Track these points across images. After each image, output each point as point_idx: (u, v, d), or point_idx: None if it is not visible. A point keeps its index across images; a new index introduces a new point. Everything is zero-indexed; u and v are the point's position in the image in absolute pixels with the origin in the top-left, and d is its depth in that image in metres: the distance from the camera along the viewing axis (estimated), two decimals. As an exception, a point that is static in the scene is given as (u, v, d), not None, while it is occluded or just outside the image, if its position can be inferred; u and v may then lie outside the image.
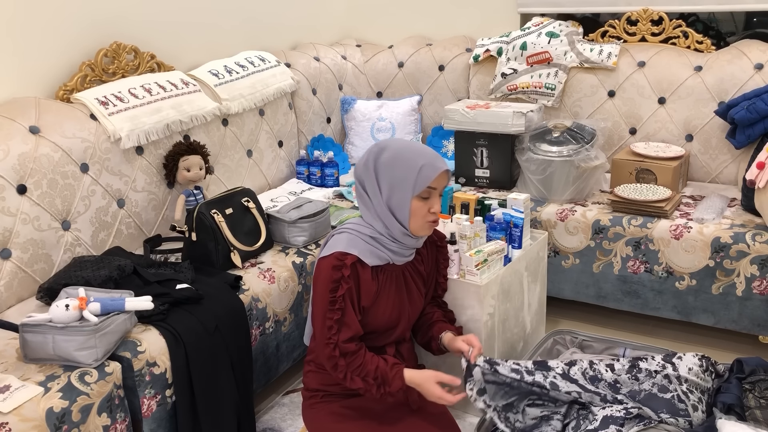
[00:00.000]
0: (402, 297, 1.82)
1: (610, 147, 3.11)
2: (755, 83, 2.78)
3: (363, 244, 1.74)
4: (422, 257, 1.91)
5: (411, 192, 1.70)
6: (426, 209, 1.72)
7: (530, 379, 1.79)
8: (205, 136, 2.69)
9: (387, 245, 1.76)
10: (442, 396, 1.69)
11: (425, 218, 1.73)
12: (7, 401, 1.53)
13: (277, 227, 2.48)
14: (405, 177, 1.69)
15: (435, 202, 1.73)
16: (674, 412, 1.75)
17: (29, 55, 2.34)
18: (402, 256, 1.81)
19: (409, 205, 1.71)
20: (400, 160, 1.70)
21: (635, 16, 3.15)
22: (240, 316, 2.07)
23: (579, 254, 2.68)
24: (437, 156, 1.73)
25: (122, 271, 2.00)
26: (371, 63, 3.65)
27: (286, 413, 2.26)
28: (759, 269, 2.37)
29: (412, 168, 1.69)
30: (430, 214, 1.73)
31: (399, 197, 1.71)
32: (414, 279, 1.87)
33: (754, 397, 1.83)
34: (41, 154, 2.13)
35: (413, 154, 1.71)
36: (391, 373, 1.70)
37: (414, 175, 1.68)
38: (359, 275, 1.72)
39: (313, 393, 1.86)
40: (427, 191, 1.71)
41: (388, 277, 1.79)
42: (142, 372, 1.78)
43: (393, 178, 1.71)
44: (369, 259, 1.74)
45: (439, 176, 1.71)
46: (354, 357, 1.70)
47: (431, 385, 1.69)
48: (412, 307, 1.86)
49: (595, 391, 1.80)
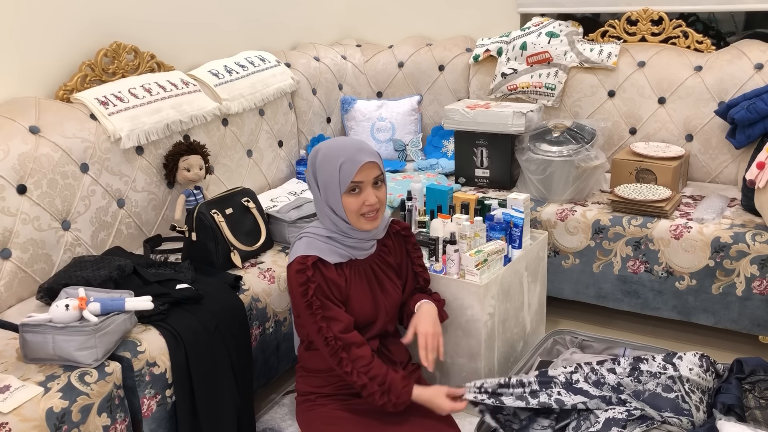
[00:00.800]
0: (374, 290, 1.85)
1: (610, 147, 3.11)
2: (755, 83, 2.78)
3: (321, 245, 1.78)
4: (389, 248, 1.93)
5: (339, 190, 1.74)
6: (359, 203, 1.75)
7: (535, 402, 1.81)
8: (205, 136, 2.69)
9: (343, 242, 1.80)
10: (453, 407, 1.76)
11: (359, 211, 1.75)
12: (7, 401, 1.53)
13: (277, 227, 2.49)
14: (331, 176, 1.74)
15: (368, 194, 1.75)
16: (678, 411, 1.75)
17: (29, 55, 2.34)
18: (362, 250, 1.84)
19: (341, 203, 1.75)
20: (326, 160, 1.76)
21: (635, 16, 3.15)
22: (240, 316, 2.07)
23: (579, 254, 2.68)
24: (362, 149, 1.75)
25: (122, 271, 2.00)
26: (371, 63, 3.65)
27: (286, 413, 2.26)
28: (759, 269, 2.37)
29: (334, 166, 1.73)
30: (365, 207, 1.75)
31: (332, 197, 1.76)
32: (385, 271, 1.90)
33: (754, 397, 1.83)
34: (41, 154, 2.13)
35: (336, 151, 1.75)
36: (401, 385, 1.72)
37: (336, 173, 1.73)
38: (324, 274, 1.75)
39: (305, 397, 1.88)
40: (353, 185, 1.74)
41: (355, 273, 1.83)
42: (142, 372, 1.78)
43: (323, 178, 1.76)
44: (330, 257, 1.77)
45: (363, 169, 1.73)
46: (361, 351, 1.72)
47: (441, 400, 1.75)
48: (388, 300, 1.88)
49: (601, 395, 1.81)
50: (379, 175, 1.77)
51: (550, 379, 1.87)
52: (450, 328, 2.16)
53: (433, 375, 2.26)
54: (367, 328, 1.85)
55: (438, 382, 2.25)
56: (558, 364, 2.14)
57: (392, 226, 1.96)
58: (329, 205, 1.78)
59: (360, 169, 1.72)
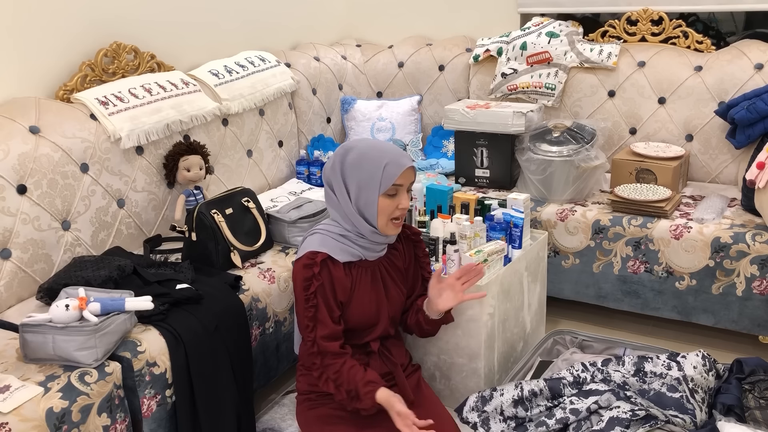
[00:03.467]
0: (378, 292, 1.85)
1: (610, 147, 3.11)
2: (755, 83, 2.78)
3: (333, 243, 1.79)
4: (399, 252, 1.94)
5: (378, 190, 1.75)
6: (394, 206, 1.77)
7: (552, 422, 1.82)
8: (205, 136, 2.69)
9: (356, 241, 1.82)
10: (407, 414, 1.67)
11: (392, 215, 1.78)
12: (7, 401, 1.53)
13: (277, 227, 2.49)
14: (371, 176, 1.75)
15: (402, 198, 1.78)
16: (682, 411, 1.75)
17: (29, 55, 2.34)
18: (373, 251, 1.85)
19: (376, 204, 1.76)
20: (366, 160, 1.76)
21: (635, 16, 3.15)
22: (240, 316, 2.07)
23: (579, 254, 2.68)
24: (402, 153, 1.79)
25: (122, 271, 2.00)
26: (371, 63, 3.65)
27: (286, 413, 2.26)
28: (759, 269, 2.37)
29: (378, 167, 1.74)
30: (398, 210, 1.78)
31: (366, 196, 1.76)
32: (390, 274, 1.90)
33: (754, 397, 1.83)
34: (41, 154, 2.13)
35: (378, 152, 1.77)
36: (363, 390, 1.71)
37: (380, 174, 1.74)
38: (331, 272, 1.76)
39: (305, 396, 1.88)
40: (393, 188, 1.76)
41: (362, 273, 1.83)
42: (142, 372, 1.78)
43: (360, 178, 1.76)
44: (340, 256, 1.79)
45: (405, 173, 1.76)
46: (334, 359, 1.73)
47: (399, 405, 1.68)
48: (391, 302, 1.88)
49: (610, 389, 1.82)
50: (413, 181, 1.81)
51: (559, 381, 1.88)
52: (450, 328, 2.16)
53: (434, 375, 2.26)
54: (369, 329, 1.85)
55: (438, 381, 2.25)
56: (558, 364, 2.14)
57: (403, 230, 1.96)
58: (358, 206, 1.78)
59: (403, 172, 1.75)
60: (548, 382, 1.90)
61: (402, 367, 1.91)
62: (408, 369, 1.94)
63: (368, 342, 1.86)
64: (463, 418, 1.95)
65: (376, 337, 1.87)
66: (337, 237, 1.80)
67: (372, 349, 1.86)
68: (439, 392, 2.21)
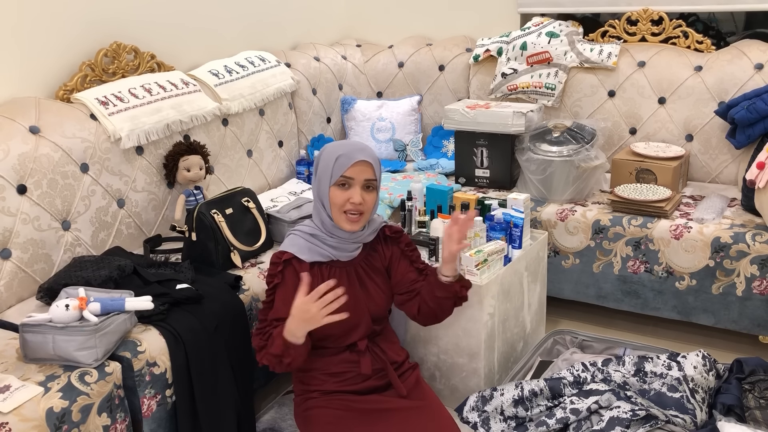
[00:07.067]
0: (356, 292, 1.85)
1: (610, 147, 3.11)
2: (755, 83, 2.78)
3: (302, 242, 1.84)
4: (378, 254, 1.94)
5: (329, 181, 1.79)
6: (344, 199, 1.79)
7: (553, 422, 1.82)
8: (205, 136, 2.69)
9: (326, 241, 1.84)
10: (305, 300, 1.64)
11: (343, 207, 1.79)
12: (7, 401, 1.53)
13: (277, 227, 2.49)
14: (325, 168, 1.81)
15: (354, 193, 1.78)
16: (683, 410, 1.75)
17: (29, 55, 2.34)
18: (344, 251, 1.86)
19: (328, 195, 1.80)
20: (326, 153, 1.83)
21: (635, 16, 3.15)
22: (240, 316, 2.07)
23: (579, 254, 2.68)
24: (362, 149, 1.81)
25: (122, 271, 2.00)
26: (371, 63, 3.65)
27: (286, 413, 2.26)
28: (759, 269, 2.37)
29: (331, 158, 1.80)
30: (349, 204, 1.79)
31: (322, 187, 1.82)
32: (369, 275, 1.90)
33: (754, 397, 1.83)
34: (41, 154, 2.13)
35: (338, 146, 1.83)
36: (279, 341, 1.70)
37: (332, 165, 1.79)
38: (297, 271, 1.79)
39: (302, 396, 1.88)
40: (343, 179, 1.78)
41: (335, 274, 1.84)
42: (142, 372, 1.78)
43: (320, 170, 1.83)
44: (305, 256, 1.83)
45: (356, 167, 1.78)
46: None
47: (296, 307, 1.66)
48: (372, 302, 1.88)
49: (610, 389, 1.82)
50: (371, 179, 1.81)
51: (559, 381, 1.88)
52: (450, 328, 2.17)
53: (434, 375, 2.26)
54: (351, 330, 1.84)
55: (438, 381, 2.25)
56: (558, 364, 2.14)
57: (382, 231, 1.95)
58: (320, 197, 1.84)
59: (353, 165, 1.77)
60: (548, 382, 1.90)
61: (396, 364, 1.90)
62: (404, 366, 1.93)
63: (355, 342, 1.86)
64: (464, 418, 1.95)
65: (361, 336, 1.87)
66: (307, 237, 1.85)
67: (360, 348, 1.86)
68: (439, 392, 2.21)
